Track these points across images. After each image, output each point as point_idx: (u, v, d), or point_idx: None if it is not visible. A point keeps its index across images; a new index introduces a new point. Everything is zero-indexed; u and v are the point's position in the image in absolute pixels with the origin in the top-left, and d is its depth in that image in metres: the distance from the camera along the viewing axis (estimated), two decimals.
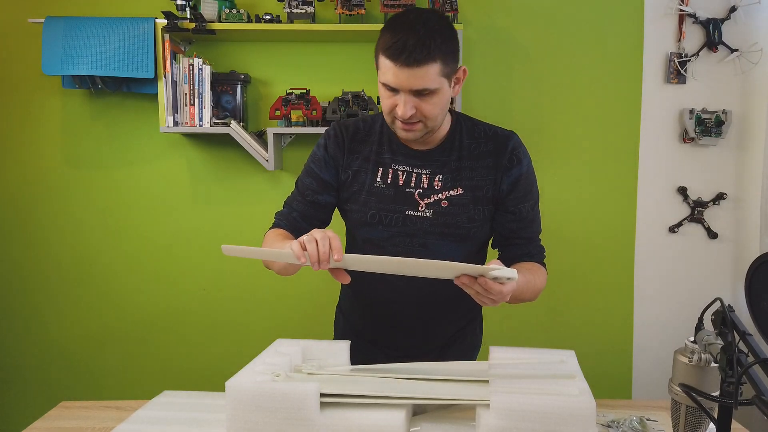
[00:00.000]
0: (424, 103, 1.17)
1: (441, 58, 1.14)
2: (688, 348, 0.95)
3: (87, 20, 2.11)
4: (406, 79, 1.13)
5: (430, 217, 1.27)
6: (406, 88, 1.15)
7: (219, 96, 2.22)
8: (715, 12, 2.32)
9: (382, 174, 1.29)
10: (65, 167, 2.35)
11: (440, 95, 1.17)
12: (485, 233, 1.33)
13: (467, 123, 1.33)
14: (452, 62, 1.18)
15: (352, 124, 1.35)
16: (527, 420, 0.89)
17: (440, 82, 1.16)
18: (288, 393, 0.93)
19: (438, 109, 1.19)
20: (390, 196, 1.28)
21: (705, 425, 0.96)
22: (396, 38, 1.12)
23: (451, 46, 1.16)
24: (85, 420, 1.21)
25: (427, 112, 1.18)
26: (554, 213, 2.41)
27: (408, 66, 1.12)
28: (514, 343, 1.21)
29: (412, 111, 1.16)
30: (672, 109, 2.37)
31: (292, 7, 2.13)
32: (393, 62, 1.13)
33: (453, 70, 1.19)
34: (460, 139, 1.30)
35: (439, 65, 1.14)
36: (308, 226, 1.32)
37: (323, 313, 1.68)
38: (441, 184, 1.27)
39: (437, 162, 1.29)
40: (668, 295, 2.46)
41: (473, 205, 1.27)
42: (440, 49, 1.13)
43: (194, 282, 2.41)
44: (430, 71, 1.13)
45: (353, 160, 1.31)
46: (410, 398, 0.97)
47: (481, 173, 1.28)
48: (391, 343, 1.41)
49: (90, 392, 2.42)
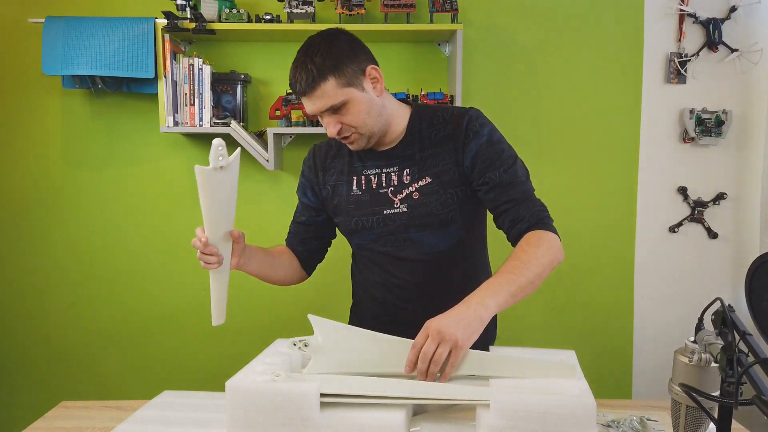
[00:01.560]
0: (342, 117, 1.23)
1: (331, 73, 1.19)
2: (688, 348, 0.95)
3: (87, 20, 2.11)
4: (312, 105, 1.22)
5: (406, 211, 1.30)
6: (317, 112, 1.23)
7: (219, 96, 2.22)
8: (716, 12, 2.32)
9: (357, 182, 1.35)
10: (65, 167, 2.35)
11: (354, 104, 1.23)
12: (466, 215, 1.32)
13: (426, 112, 1.34)
14: (349, 71, 1.21)
15: (325, 144, 1.43)
16: (527, 420, 0.89)
17: (345, 93, 1.21)
18: (288, 393, 0.93)
19: (360, 116, 1.24)
20: (366, 201, 1.32)
21: (705, 425, 0.95)
22: (291, 76, 1.23)
23: (338, 59, 1.20)
24: (86, 420, 1.21)
25: (351, 122, 1.24)
26: (554, 213, 2.38)
27: (305, 95, 1.21)
28: (515, 343, 1.20)
29: (337, 127, 1.24)
30: (672, 109, 2.37)
31: (292, 7, 2.13)
32: (300, 96, 1.24)
33: (355, 77, 1.22)
34: (420, 130, 1.32)
35: (333, 80, 1.19)
36: (300, 243, 1.45)
37: (323, 313, 1.68)
38: (409, 177, 1.30)
39: (402, 157, 1.32)
40: (668, 295, 2.46)
41: (443, 191, 1.28)
42: (324, 67, 1.18)
43: (194, 282, 2.41)
44: (326, 90, 1.19)
45: (329, 176, 1.39)
46: (410, 398, 0.97)
47: (444, 158, 1.29)
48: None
49: (90, 392, 2.42)
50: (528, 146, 2.37)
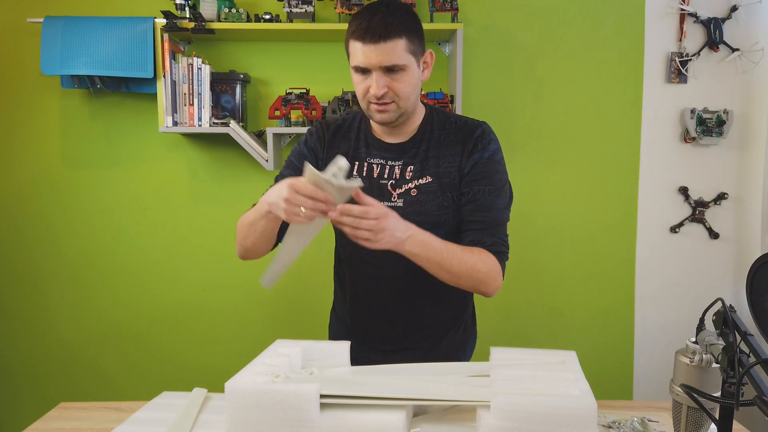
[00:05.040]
0: (395, 81, 1.21)
1: (405, 34, 1.20)
2: (689, 348, 0.94)
3: (86, 20, 2.11)
4: (376, 56, 1.19)
5: (401, 207, 1.30)
6: (376, 65, 1.20)
7: (218, 96, 2.22)
8: (716, 11, 2.31)
9: (358, 168, 1.34)
10: (64, 167, 2.35)
11: (410, 73, 1.22)
12: (458, 220, 1.33)
13: (439, 116, 1.36)
14: (417, 41, 1.23)
15: (334, 122, 1.40)
16: (528, 421, 0.88)
17: (408, 59, 1.21)
18: (288, 394, 0.93)
19: (409, 87, 1.24)
20: (366, 188, 1.31)
21: (706, 426, 0.95)
22: (362, 19, 1.19)
23: (414, 25, 1.23)
24: (85, 421, 1.20)
25: (398, 90, 1.22)
26: (555, 213, 2.41)
27: (374, 42, 1.18)
28: (515, 343, 1.20)
29: (384, 89, 1.21)
30: (673, 109, 2.37)
31: (292, 6, 2.12)
32: (361, 42, 1.19)
33: (419, 50, 1.25)
34: (431, 130, 1.34)
35: (405, 41, 1.20)
36: None
37: (323, 314, 1.68)
38: (411, 174, 1.31)
39: (408, 153, 1.32)
40: (669, 295, 2.45)
41: (441, 192, 1.29)
42: (403, 26, 1.19)
43: (194, 282, 2.41)
44: (396, 47, 1.19)
45: (332, 156, 1.34)
46: (411, 399, 0.97)
47: (448, 160, 1.30)
48: (381, 336, 1.42)
49: (89, 393, 2.42)
50: (528, 146, 2.37)
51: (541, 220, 2.40)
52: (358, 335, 1.42)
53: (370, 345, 1.41)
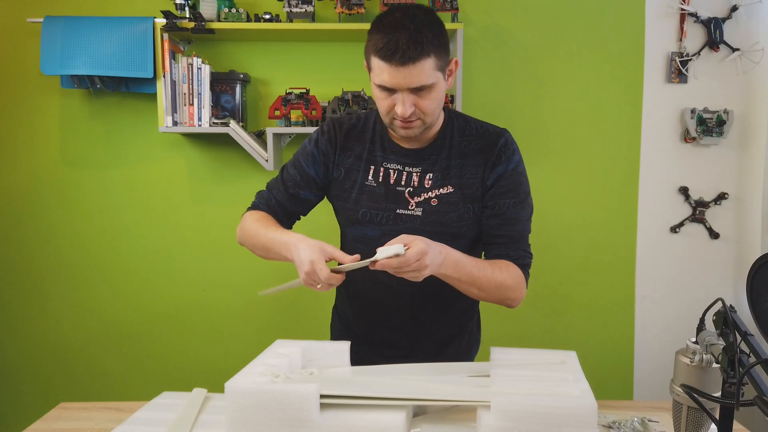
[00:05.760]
0: (422, 99, 1.16)
1: (434, 52, 1.13)
2: (689, 348, 0.94)
3: (86, 20, 2.11)
4: (403, 78, 1.13)
5: (420, 216, 1.27)
6: (404, 87, 1.14)
7: (218, 96, 2.22)
8: (717, 11, 2.31)
9: (374, 172, 1.29)
10: (64, 167, 2.35)
11: (437, 90, 1.17)
12: (476, 232, 1.31)
13: (459, 121, 1.32)
14: (444, 55, 1.17)
15: (347, 121, 1.35)
16: (528, 421, 0.88)
17: (436, 77, 1.16)
18: (288, 394, 0.93)
19: (435, 103, 1.19)
20: (381, 194, 1.28)
21: (706, 426, 0.95)
22: (387, 38, 1.11)
23: (441, 39, 1.16)
24: (85, 421, 1.20)
25: (425, 108, 1.17)
26: (555, 213, 2.41)
27: (403, 65, 1.11)
28: (515, 343, 1.20)
29: (411, 109, 1.16)
30: (673, 109, 2.37)
31: (292, 6, 2.12)
32: (387, 63, 1.12)
33: (446, 63, 1.19)
34: (451, 137, 1.30)
35: (433, 59, 1.13)
36: (285, 216, 1.35)
37: (323, 314, 1.68)
38: (431, 183, 1.27)
39: (428, 160, 1.28)
40: (669, 295, 2.45)
41: (463, 204, 1.27)
42: (432, 44, 1.12)
43: (193, 282, 2.41)
44: (425, 67, 1.12)
45: (346, 158, 1.32)
46: (411, 399, 0.97)
47: (471, 171, 1.27)
48: (387, 343, 1.40)
49: (89, 393, 2.42)
50: (528, 146, 2.37)
51: (541, 220, 2.39)
52: (362, 340, 1.41)
53: (376, 351, 1.40)
